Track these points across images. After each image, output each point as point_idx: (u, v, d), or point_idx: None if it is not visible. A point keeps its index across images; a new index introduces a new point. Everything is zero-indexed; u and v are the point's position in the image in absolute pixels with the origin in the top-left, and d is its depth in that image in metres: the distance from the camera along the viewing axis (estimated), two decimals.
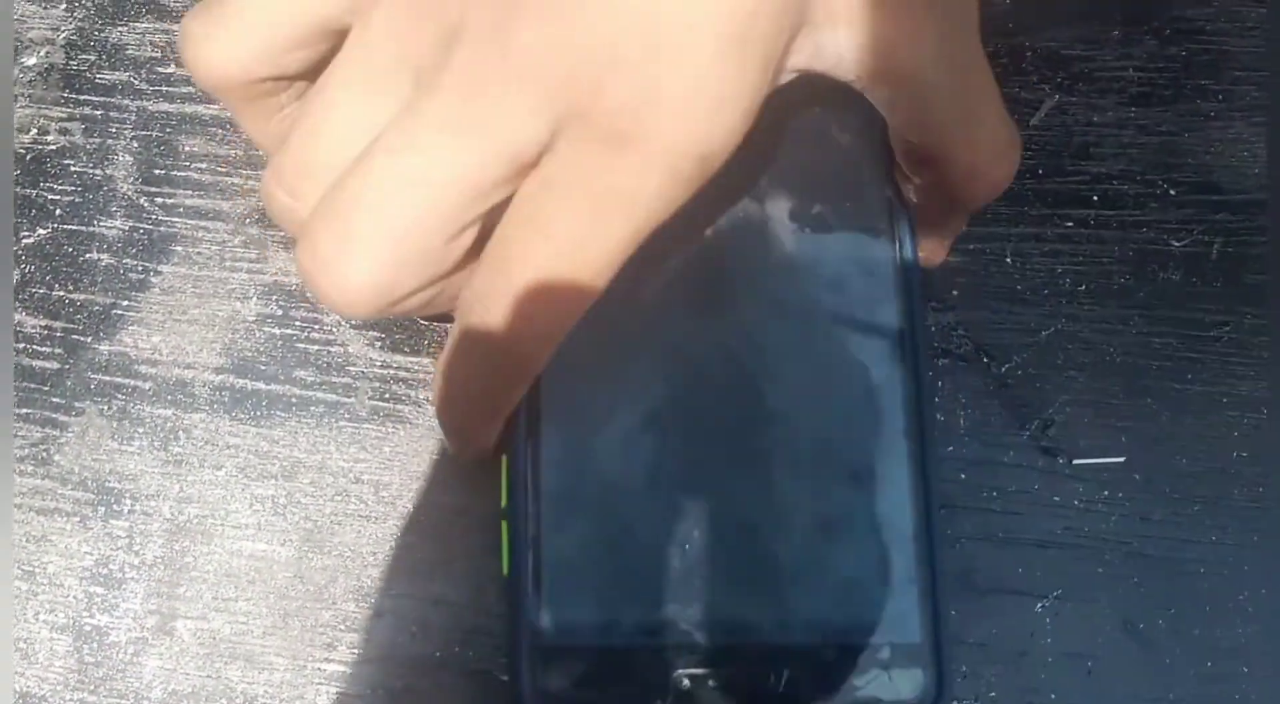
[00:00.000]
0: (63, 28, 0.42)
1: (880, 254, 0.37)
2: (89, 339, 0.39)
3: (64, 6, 0.42)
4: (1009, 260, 0.41)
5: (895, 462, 0.35)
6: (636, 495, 0.35)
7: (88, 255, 0.39)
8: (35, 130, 0.41)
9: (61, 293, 0.39)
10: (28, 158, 0.40)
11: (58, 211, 0.40)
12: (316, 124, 0.30)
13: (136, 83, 0.41)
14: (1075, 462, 0.39)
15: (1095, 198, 0.41)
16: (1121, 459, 0.39)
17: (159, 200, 0.40)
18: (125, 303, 0.39)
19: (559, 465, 0.35)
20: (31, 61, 0.41)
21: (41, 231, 0.40)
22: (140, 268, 0.39)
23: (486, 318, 0.29)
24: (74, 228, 0.40)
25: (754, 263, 0.37)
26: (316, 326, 0.39)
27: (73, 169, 0.40)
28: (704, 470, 0.35)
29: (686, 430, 0.35)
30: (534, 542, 0.34)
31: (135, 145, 0.41)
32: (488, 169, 0.28)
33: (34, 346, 0.39)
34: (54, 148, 0.40)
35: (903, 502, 0.35)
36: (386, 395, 0.38)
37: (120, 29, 0.42)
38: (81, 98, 0.41)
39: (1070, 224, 0.41)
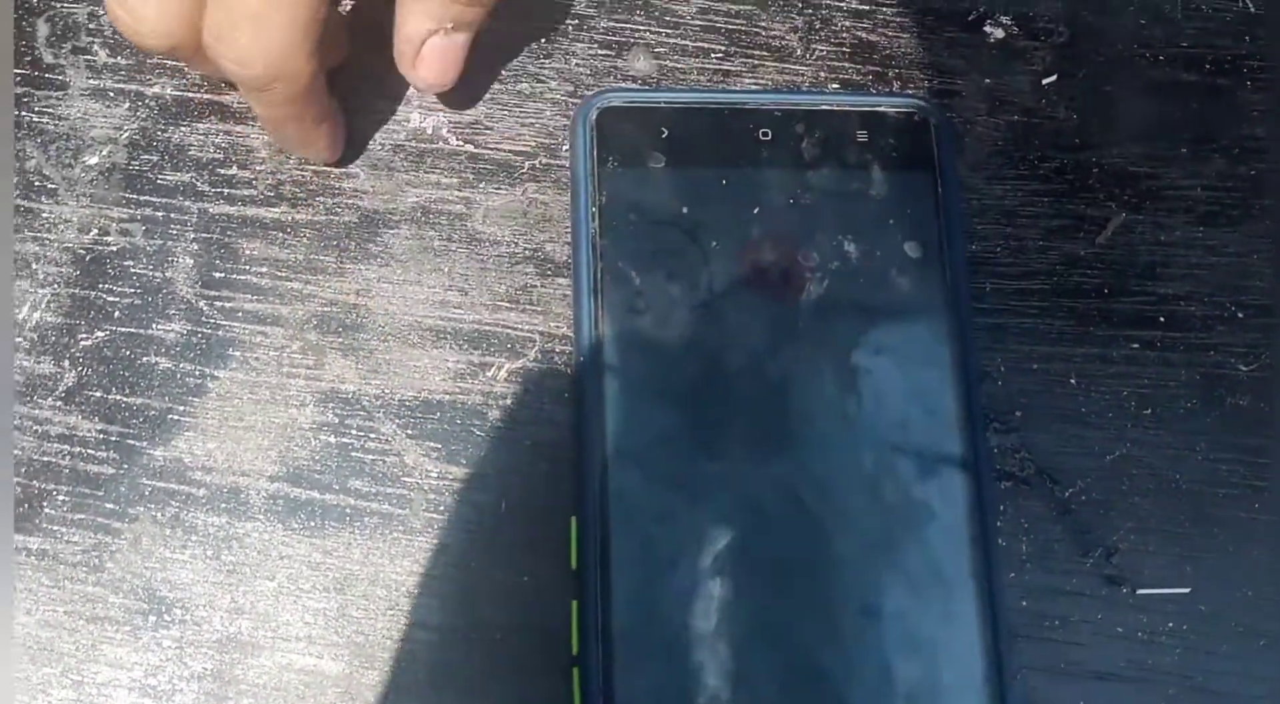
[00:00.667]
0: (125, 127, 0.42)
1: (941, 384, 0.37)
2: (144, 444, 0.38)
3: (127, 106, 0.42)
4: (1073, 381, 0.40)
5: (963, 602, 0.35)
6: (705, 641, 0.34)
7: (145, 359, 0.39)
8: (96, 230, 0.40)
9: (118, 396, 0.39)
10: (87, 259, 0.40)
11: (116, 313, 0.40)
12: None
13: (198, 184, 0.41)
14: (1139, 591, 0.38)
15: (1162, 319, 0.41)
16: (1187, 590, 0.38)
17: (218, 304, 0.40)
18: (181, 408, 0.39)
19: (629, 611, 0.34)
20: (93, 161, 0.41)
21: (100, 334, 0.39)
22: (198, 372, 0.39)
23: (223, 50, 0.34)
24: (132, 330, 0.39)
25: (816, 401, 0.37)
26: (373, 435, 0.39)
27: (133, 270, 0.40)
28: (772, 615, 0.35)
29: (753, 574, 0.35)
30: (604, 690, 0.34)
31: (195, 247, 0.40)
32: None
33: (89, 451, 0.38)
34: (114, 249, 0.40)
35: (972, 642, 0.35)
36: (441, 507, 0.38)
37: (183, 129, 0.42)
38: (143, 198, 0.41)
39: (1136, 346, 0.41)
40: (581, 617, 0.34)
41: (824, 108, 0.40)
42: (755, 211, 0.38)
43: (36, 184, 0.41)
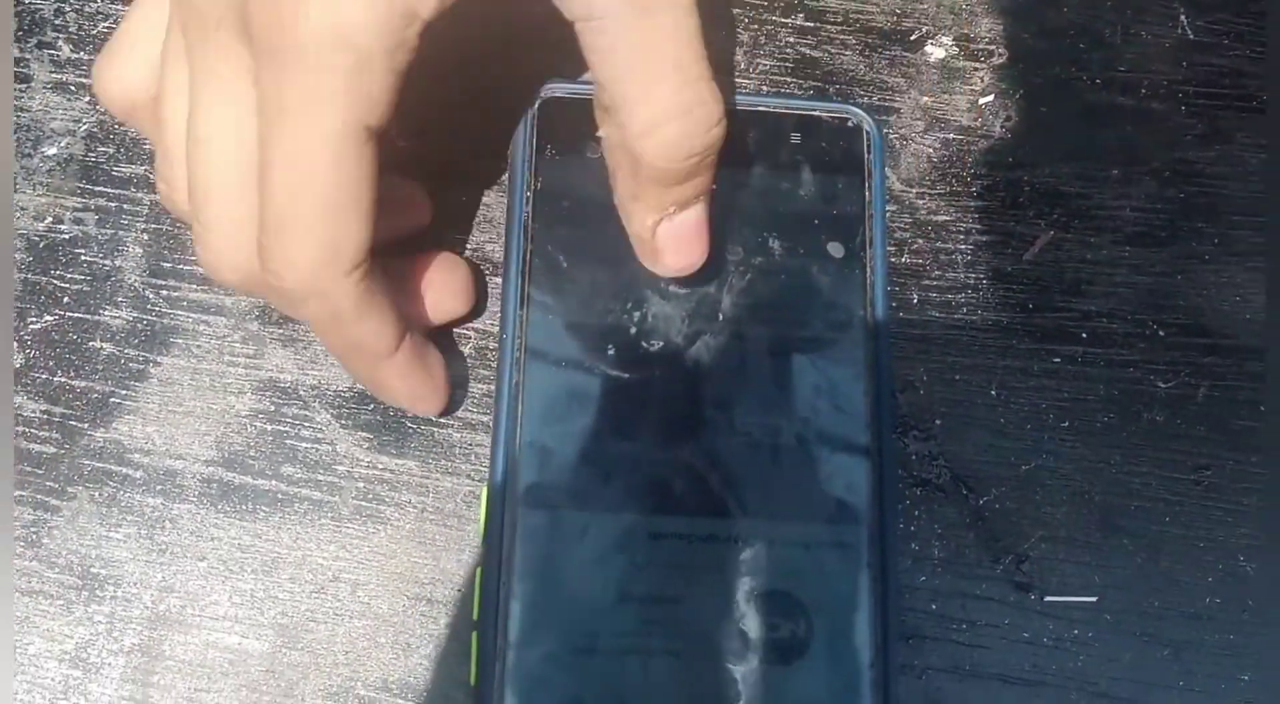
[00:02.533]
0: (84, 120, 0.43)
1: (852, 384, 0.38)
2: (86, 425, 0.40)
3: (87, 100, 0.43)
4: (994, 393, 0.41)
5: (857, 592, 0.36)
6: (603, 614, 0.36)
7: (91, 344, 0.41)
8: (50, 219, 0.42)
9: (63, 379, 0.40)
10: (40, 245, 0.41)
11: (65, 299, 0.41)
12: (162, 117, 0.34)
13: (151, 176, 0.42)
14: (1047, 599, 0.39)
15: (1084, 335, 0.42)
16: (1094, 598, 0.39)
17: (164, 292, 0.41)
18: (124, 391, 0.40)
19: (530, 581, 0.35)
20: (51, 151, 0.43)
21: (48, 318, 0.41)
22: (141, 358, 0.40)
23: (273, 282, 0.33)
24: (80, 316, 0.41)
25: (729, 387, 0.38)
26: (307, 424, 0.40)
27: (83, 258, 0.41)
28: (670, 592, 0.36)
29: (653, 551, 0.36)
30: (502, 655, 0.35)
31: (145, 238, 0.42)
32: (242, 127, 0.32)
33: (33, 430, 0.40)
34: (66, 237, 0.42)
35: (863, 631, 0.36)
36: (370, 496, 0.39)
37: None
38: (97, 189, 0.42)
39: (1058, 360, 0.41)
40: (484, 583, 0.36)
41: (760, 109, 0.41)
42: None
43: None
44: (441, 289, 0.39)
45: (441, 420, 0.40)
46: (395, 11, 0.30)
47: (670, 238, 0.36)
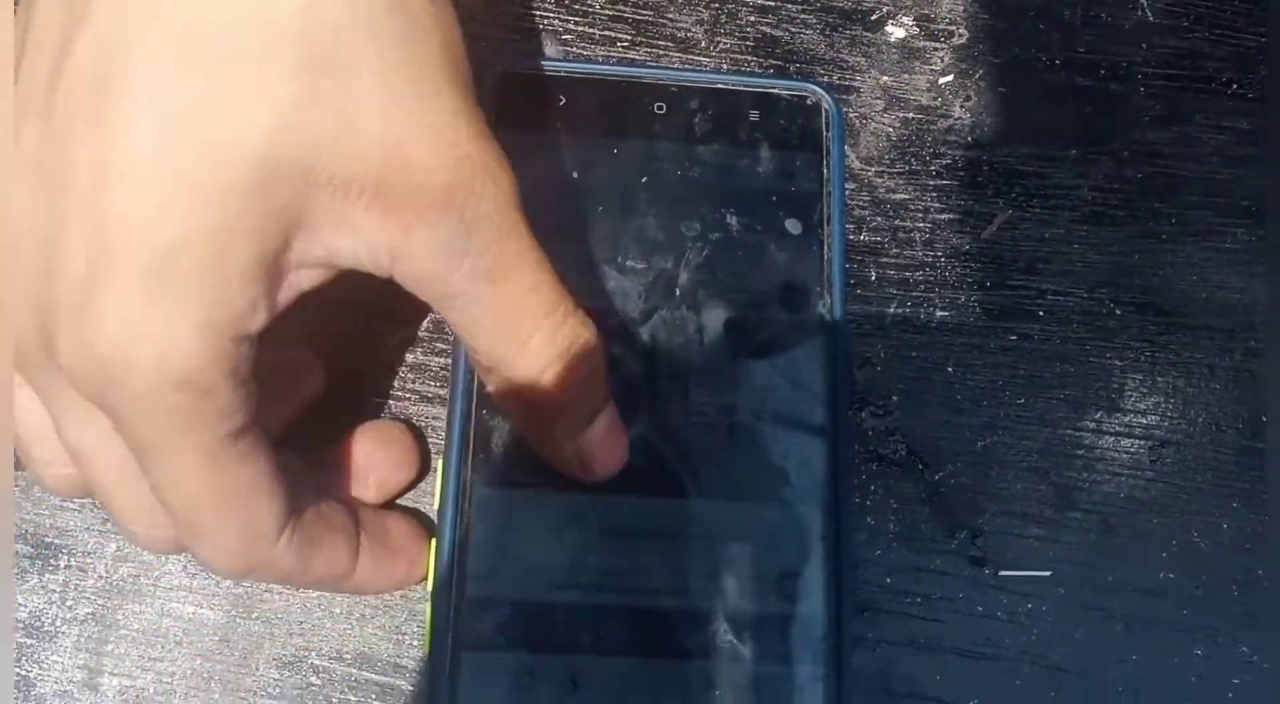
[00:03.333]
0: None
1: (809, 361, 0.38)
2: None
3: None
4: (950, 369, 0.41)
5: (812, 565, 0.36)
6: (558, 586, 0.36)
7: None
8: None
9: None
10: None
11: None
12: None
13: None
14: (1001, 573, 0.39)
15: (1041, 313, 0.42)
16: (1048, 573, 0.39)
17: None
18: None
19: (483, 554, 0.36)
20: None
21: None
22: None
23: (204, 555, 0.32)
24: None
25: (686, 365, 0.38)
26: None
27: None
28: (623, 561, 0.36)
29: (609, 523, 0.36)
30: (455, 625, 0.35)
31: None
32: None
33: None
34: None
35: (817, 603, 0.36)
36: None
37: None
38: None
39: (1015, 337, 0.42)
40: (437, 552, 0.36)
41: (719, 86, 0.41)
42: (644, 180, 0.40)
43: None
44: (385, 466, 0.38)
45: (396, 393, 0.40)
46: (224, 337, 0.28)
47: (592, 452, 0.36)
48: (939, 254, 0.42)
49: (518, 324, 0.32)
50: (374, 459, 0.37)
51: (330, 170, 0.28)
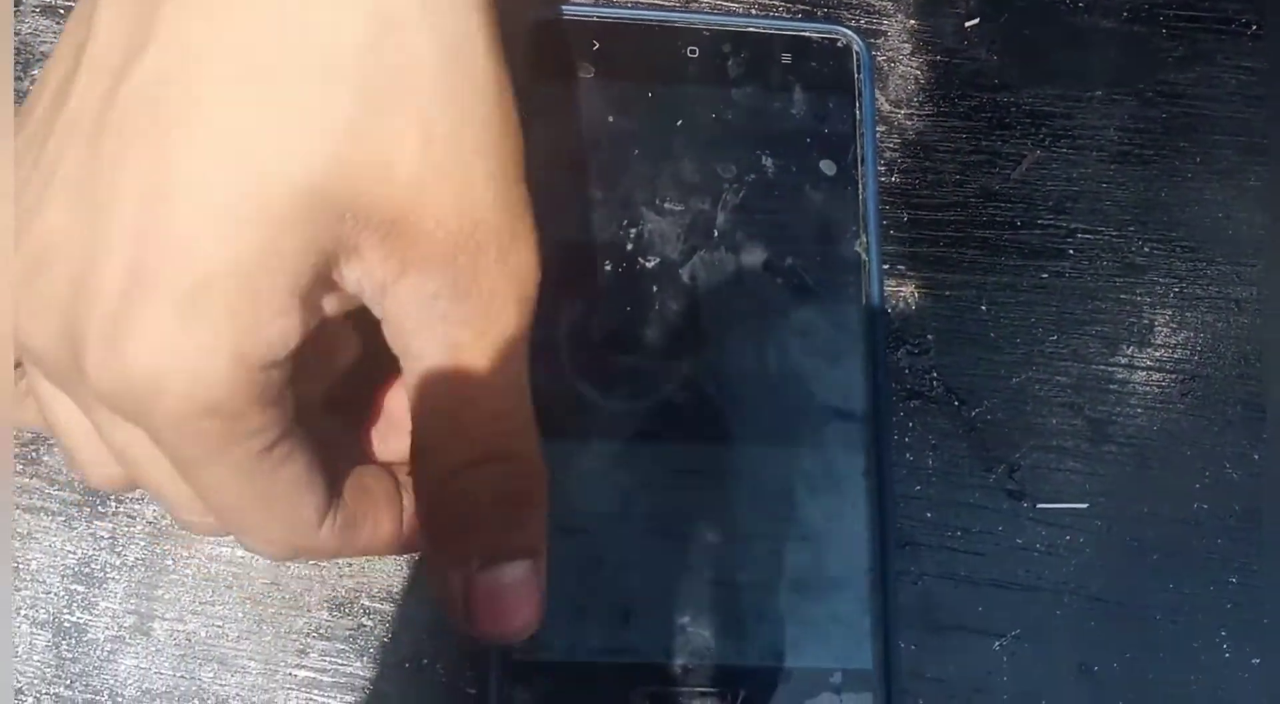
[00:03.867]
0: None
1: (846, 300, 0.38)
2: None
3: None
4: (984, 308, 0.42)
5: (855, 499, 0.37)
6: (605, 522, 0.36)
7: None
8: None
9: None
10: None
11: None
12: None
13: None
14: (1039, 506, 0.40)
15: (1071, 251, 0.42)
16: (1084, 505, 0.40)
17: None
18: None
19: None
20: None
21: None
22: None
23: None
24: None
25: (726, 308, 0.38)
26: None
27: None
28: (670, 500, 0.36)
29: (655, 461, 0.37)
30: None
31: None
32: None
33: None
34: None
35: (860, 537, 0.36)
36: None
37: None
38: None
39: (1045, 275, 0.42)
40: None
41: (751, 30, 0.41)
42: (679, 124, 0.40)
43: None
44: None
45: None
46: (254, 367, 0.27)
47: (484, 598, 0.31)
48: (969, 194, 0.43)
49: (466, 411, 0.30)
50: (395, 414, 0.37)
51: (360, 202, 0.28)
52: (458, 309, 0.29)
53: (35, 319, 0.28)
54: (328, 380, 0.35)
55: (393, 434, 0.36)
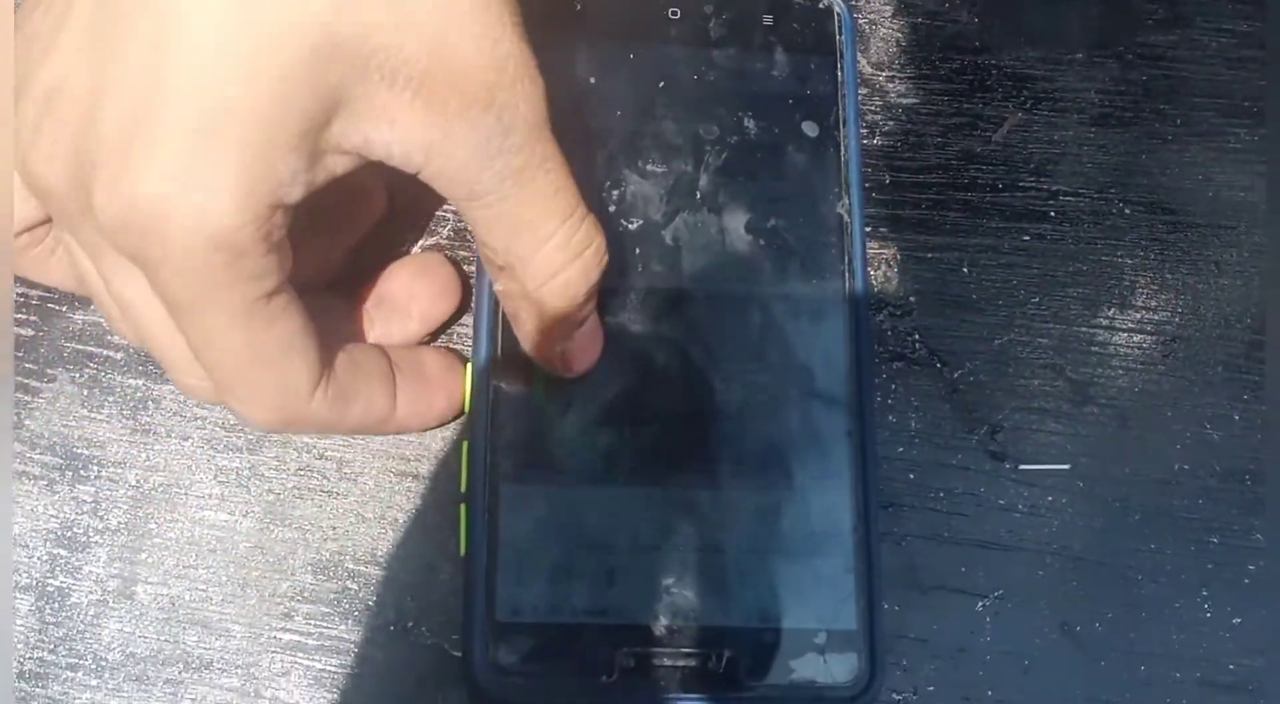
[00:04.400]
0: None
1: (828, 261, 0.38)
2: (64, 308, 0.40)
3: None
4: (965, 270, 0.42)
5: (838, 460, 0.37)
6: (589, 484, 0.36)
7: None
8: None
9: None
10: None
11: None
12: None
13: None
14: (1021, 467, 0.40)
15: (1052, 213, 0.43)
16: (1066, 466, 0.40)
17: None
18: None
19: (516, 454, 0.36)
20: None
21: None
22: None
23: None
24: None
25: (708, 267, 0.38)
26: None
27: None
28: (653, 461, 0.37)
29: (636, 422, 0.37)
30: (490, 524, 0.35)
31: None
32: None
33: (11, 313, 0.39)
34: None
35: (844, 498, 0.37)
36: None
37: None
38: None
39: (1027, 237, 0.42)
40: (470, 456, 0.36)
41: None
42: (660, 85, 0.40)
43: None
44: (427, 296, 0.38)
45: None
46: (263, 203, 0.28)
47: (576, 353, 0.36)
48: (950, 157, 0.43)
49: (537, 226, 0.32)
50: (415, 290, 0.38)
51: (381, 56, 0.28)
52: (510, 140, 0.30)
53: (46, 158, 0.29)
54: (357, 236, 0.37)
55: (392, 315, 0.37)
